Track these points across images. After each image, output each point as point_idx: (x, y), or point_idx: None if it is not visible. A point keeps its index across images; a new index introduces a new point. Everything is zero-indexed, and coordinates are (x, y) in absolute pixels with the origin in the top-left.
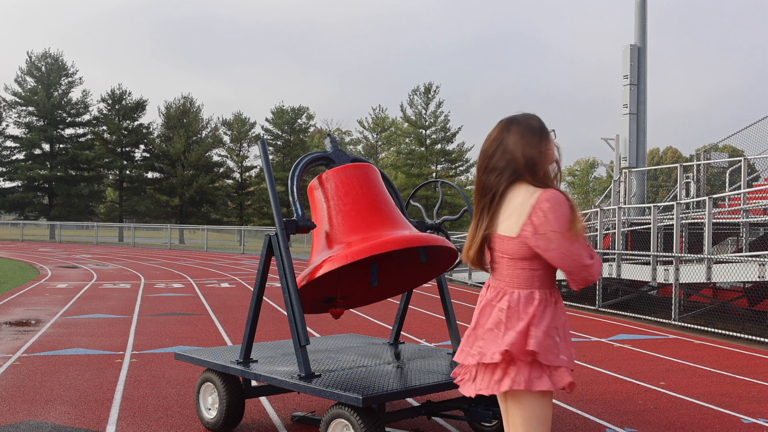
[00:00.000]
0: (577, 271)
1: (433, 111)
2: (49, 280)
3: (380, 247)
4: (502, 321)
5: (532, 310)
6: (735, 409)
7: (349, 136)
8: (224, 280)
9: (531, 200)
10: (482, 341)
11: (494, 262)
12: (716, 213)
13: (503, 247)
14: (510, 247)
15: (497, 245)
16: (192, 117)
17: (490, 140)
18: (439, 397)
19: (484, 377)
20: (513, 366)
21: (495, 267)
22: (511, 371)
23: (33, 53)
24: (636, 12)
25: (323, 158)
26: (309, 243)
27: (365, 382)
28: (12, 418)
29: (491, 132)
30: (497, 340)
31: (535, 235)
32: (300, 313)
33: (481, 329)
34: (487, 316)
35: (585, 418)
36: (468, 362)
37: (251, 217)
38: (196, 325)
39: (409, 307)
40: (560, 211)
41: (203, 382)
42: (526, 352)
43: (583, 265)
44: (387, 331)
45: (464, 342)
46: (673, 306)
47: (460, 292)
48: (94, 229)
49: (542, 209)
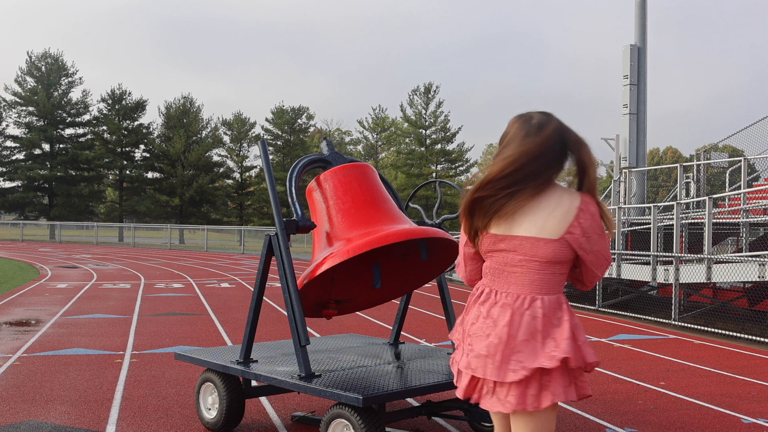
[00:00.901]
0: (604, 271)
1: (433, 111)
2: (49, 280)
3: (381, 241)
4: (538, 330)
5: (565, 315)
6: (735, 409)
7: (349, 136)
8: (224, 280)
9: (576, 202)
10: (520, 354)
11: (508, 265)
12: (716, 213)
13: (534, 251)
14: (546, 251)
15: (521, 248)
16: (192, 117)
17: (545, 136)
18: (439, 397)
19: (510, 391)
20: (548, 377)
21: (508, 271)
22: (550, 384)
23: (33, 53)
24: (636, 12)
25: (320, 160)
26: (309, 243)
27: (365, 382)
28: (12, 418)
29: (544, 127)
30: (538, 351)
31: (584, 237)
32: (300, 313)
33: (514, 341)
34: (517, 325)
35: (585, 418)
36: (512, 378)
37: (251, 217)
38: (196, 325)
39: (409, 307)
40: (598, 213)
41: (203, 382)
42: (588, 363)
43: (609, 263)
44: (387, 331)
45: (498, 357)
46: (673, 306)
47: (461, 292)
48: (94, 229)
49: (590, 212)
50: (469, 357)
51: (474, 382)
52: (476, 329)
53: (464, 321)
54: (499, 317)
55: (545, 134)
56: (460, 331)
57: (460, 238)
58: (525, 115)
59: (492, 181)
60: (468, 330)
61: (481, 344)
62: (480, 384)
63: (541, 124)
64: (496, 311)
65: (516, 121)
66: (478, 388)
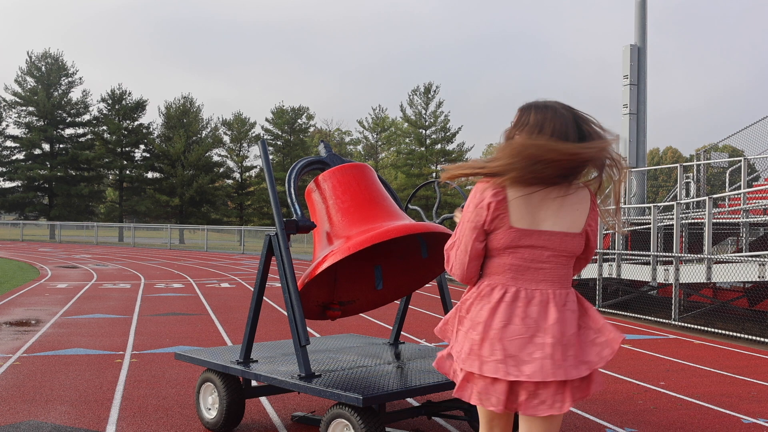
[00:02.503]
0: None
1: (433, 111)
2: (49, 280)
3: (381, 236)
4: (577, 324)
5: (587, 305)
6: (735, 409)
7: (349, 136)
8: (224, 280)
9: (588, 195)
10: (574, 348)
11: (535, 261)
12: (716, 213)
13: (564, 245)
14: (573, 245)
15: (550, 243)
16: (192, 117)
17: (594, 126)
18: (439, 397)
19: (558, 391)
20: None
21: (535, 267)
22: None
23: (33, 53)
24: (636, 12)
25: (318, 162)
26: (309, 243)
27: (365, 382)
28: (12, 418)
29: (591, 118)
30: (587, 345)
31: (596, 229)
32: (300, 313)
33: (567, 337)
34: (565, 321)
35: (585, 418)
36: (576, 375)
37: (251, 217)
38: (196, 325)
39: (409, 307)
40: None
41: (203, 382)
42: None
43: None
44: (387, 331)
45: (558, 356)
46: (673, 306)
47: (461, 292)
48: (94, 229)
49: (596, 204)
50: (511, 363)
51: (512, 389)
52: (513, 332)
53: (487, 326)
54: (541, 316)
55: (590, 122)
56: (474, 338)
57: (465, 232)
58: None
59: (545, 163)
60: (497, 335)
61: (530, 347)
62: (517, 389)
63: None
64: (534, 310)
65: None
66: (518, 394)
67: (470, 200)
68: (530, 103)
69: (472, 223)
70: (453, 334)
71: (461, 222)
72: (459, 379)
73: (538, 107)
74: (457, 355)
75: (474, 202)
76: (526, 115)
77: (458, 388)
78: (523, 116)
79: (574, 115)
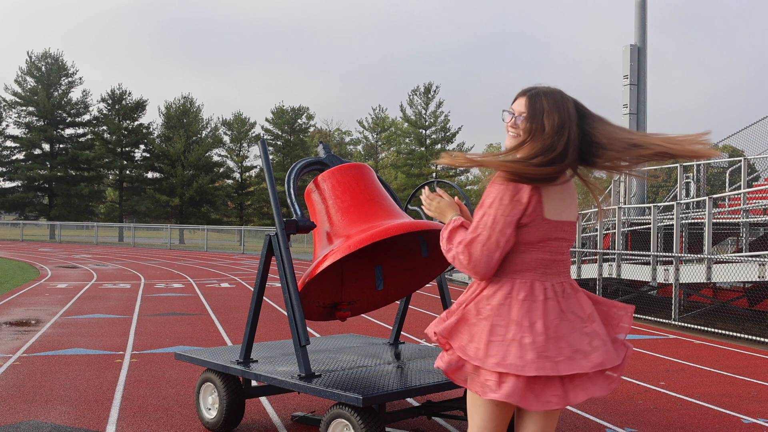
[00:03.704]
0: None
1: (433, 111)
2: (49, 280)
3: (381, 234)
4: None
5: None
6: (735, 409)
7: (349, 136)
8: (224, 280)
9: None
10: (599, 339)
11: (557, 254)
12: (716, 213)
13: (574, 235)
14: (576, 233)
15: (570, 234)
16: (192, 117)
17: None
18: (439, 397)
19: (593, 377)
20: None
21: (557, 260)
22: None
23: (33, 53)
24: (636, 12)
25: (317, 163)
26: (309, 243)
27: (365, 382)
28: (12, 418)
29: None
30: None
31: None
32: (300, 313)
33: (601, 324)
34: (593, 309)
35: (585, 418)
36: (622, 357)
37: (251, 217)
38: (196, 325)
39: (409, 307)
40: None
41: (203, 382)
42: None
43: None
44: (387, 331)
45: (610, 342)
46: (673, 306)
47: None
48: (94, 229)
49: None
50: (580, 357)
51: (565, 383)
52: (566, 329)
53: (546, 326)
54: (579, 307)
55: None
56: (536, 340)
57: (498, 227)
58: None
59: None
60: (557, 333)
61: (586, 338)
62: (566, 382)
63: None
64: (571, 304)
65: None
66: (568, 387)
67: (502, 192)
68: (536, 90)
69: (508, 216)
70: (471, 343)
71: (490, 215)
72: (511, 388)
73: (545, 93)
74: (508, 366)
75: (509, 194)
76: (540, 102)
77: (522, 398)
78: (537, 103)
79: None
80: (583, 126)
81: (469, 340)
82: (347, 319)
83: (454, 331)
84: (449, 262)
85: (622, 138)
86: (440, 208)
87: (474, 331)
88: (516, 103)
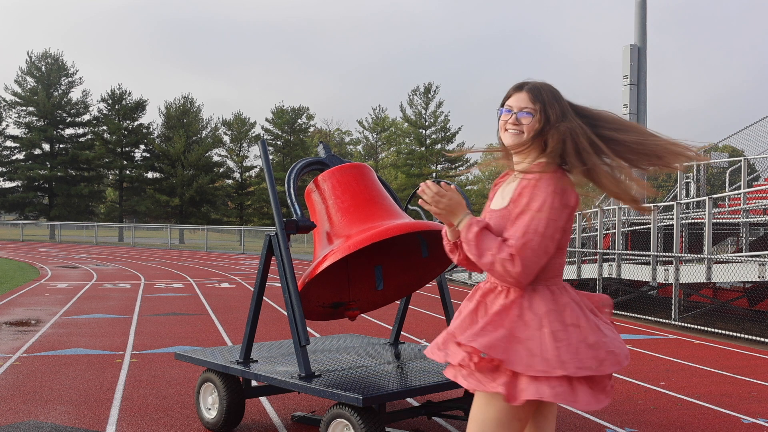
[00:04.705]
0: None
1: (433, 111)
2: (49, 280)
3: (381, 235)
4: None
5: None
6: (735, 409)
7: (349, 136)
8: (224, 280)
9: None
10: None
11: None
12: (716, 213)
13: None
14: None
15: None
16: (192, 117)
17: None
18: (439, 397)
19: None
20: None
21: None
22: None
23: (33, 53)
24: (636, 12)
25: (318, 162)
26: (309, 243)
27: (365, 382)
28: (12, 418)
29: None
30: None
31: None
32: (300, 313)
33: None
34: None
35: (585, 418)
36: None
37: (251, 217)
38: (196, 325)
39: (409, 307)
40: None
41: (203, 382)
42: None
43: None
44: (387, 331)
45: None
46: (673, 306)
47: (460, 292)
48: (94, 229)
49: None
50: (615, 356)
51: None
52: (598, 327)
53: (590, 329)
54: (587, 308)
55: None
56: (589, 342)
57: (549, 233)
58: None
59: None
60: (597, 334)
61: (608, 336)
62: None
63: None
64: (586, 303)
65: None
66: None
67: (551, 195)
68: (532, 84)
69: (558, 221)
70: (534, 358)
71: (541, 220)
72: (584, 391)
73: (542, 85)
74: (587, 369)
75: (558, 197)
76: (542, 95)
77: (592, 399)
78: (545, 96)
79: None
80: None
81: (530, 355)
82: (356, 318)
83: (509, 350)
84: (482, 268)
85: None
86: (450, 206)
87: (531, 346)
88: (513, 99)
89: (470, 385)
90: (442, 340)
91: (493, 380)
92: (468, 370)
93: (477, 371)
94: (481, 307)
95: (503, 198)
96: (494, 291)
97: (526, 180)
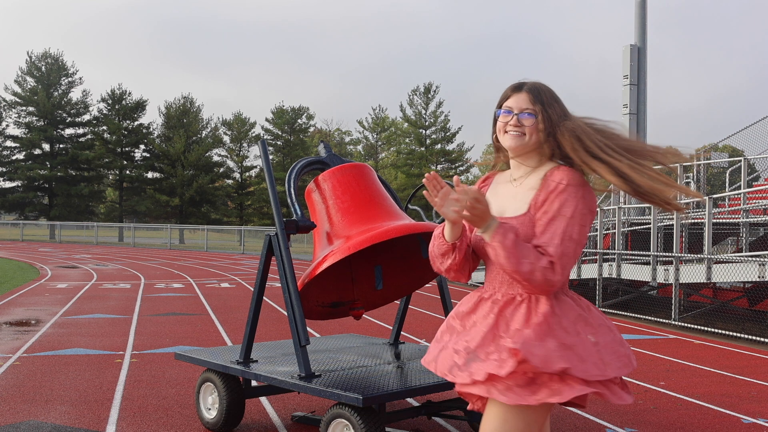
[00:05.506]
0: None
1: (433, 111)
2: (49, 280)
3: (381, 236)
4: None
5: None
6: (735, 409)
7: (349, 136)
8: (224, 280)
9: None
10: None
11: None
12: (716, 213)
13: None
14: None
15: None
16: (192, 117)
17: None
18: (439, 397)
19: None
20: None
21: None
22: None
23: (33, 53)
24: (636, 12)
25: (318, 162)
26: (309, 243)
27: (365, 382)
28: (12, 418)
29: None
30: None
31: None
32: (300, 313)
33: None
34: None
35: (585, 418)
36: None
37: (251, 217)
38: (196, 325)
39: (409, 307)
40: None
41: (203, 382)
42: None
43: None
44: (387, 331)
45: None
46: (673, 306)
47: (461, 292)
48: (94, 229)
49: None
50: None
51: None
52: (613, 329)
53: (607, 329)
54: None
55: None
56: (603, 344)
57: (582, 240)
58: None
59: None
60: (612, 337)
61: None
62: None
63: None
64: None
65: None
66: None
67: (581, 201)
68: (531, 84)
69: (587, 227)
70: (583, 364)
71: (574, 227)
72: (602, 388)
73: (540, 86)
74: (629, 366)
75: (587, 205)
76: (541, 96)
77: (612, 395)
78: (545, 96)
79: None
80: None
81: (581, 361)
82: (361, 317)
83: (567, 358)
84: (513, 276)
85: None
86: (483, 214)
87: (580, 352)
88: (512, 100)
89: (510, 399)
90: (462, 360)
91: (532, 393)
92: (504, 384)
93: (516, 386)
94: (501, 321)
95: (501, 201)
96: (513, 302)
97: (553, 184)
